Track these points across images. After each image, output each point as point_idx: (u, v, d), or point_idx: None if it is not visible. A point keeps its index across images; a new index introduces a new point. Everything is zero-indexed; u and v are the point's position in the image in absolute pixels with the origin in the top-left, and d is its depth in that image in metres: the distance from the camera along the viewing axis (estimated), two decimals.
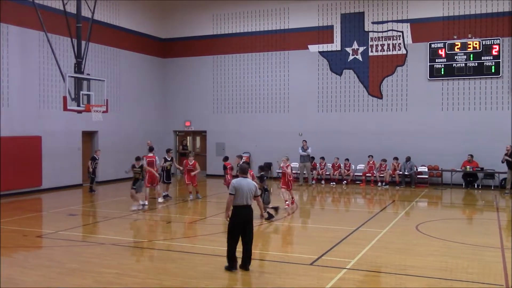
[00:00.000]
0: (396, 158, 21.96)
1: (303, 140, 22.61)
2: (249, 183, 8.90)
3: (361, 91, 23.52)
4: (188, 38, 26.82)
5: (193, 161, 17.51)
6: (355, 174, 22.99)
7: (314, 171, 23.22)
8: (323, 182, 23.09)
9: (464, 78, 21.76)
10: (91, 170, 19.58)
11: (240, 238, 8.74)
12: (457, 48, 21.75)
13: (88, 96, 17.88)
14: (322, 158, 23.38)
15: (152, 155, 16.87)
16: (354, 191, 21.13)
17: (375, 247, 10.68)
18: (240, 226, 8.69)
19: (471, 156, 21.15)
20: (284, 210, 14.83)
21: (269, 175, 24.88)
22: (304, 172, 22.68)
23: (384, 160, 22.07)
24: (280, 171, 16.93)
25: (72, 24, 18.27)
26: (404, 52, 22.75)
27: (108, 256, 10.07)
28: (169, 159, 17.75)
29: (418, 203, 17.82)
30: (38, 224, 13.85)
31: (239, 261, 8.78)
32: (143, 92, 25.84)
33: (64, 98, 17.10)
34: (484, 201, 18.48)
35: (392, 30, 22.93)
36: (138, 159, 15.52)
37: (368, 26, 23.33)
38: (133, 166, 15.40)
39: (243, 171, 9.14)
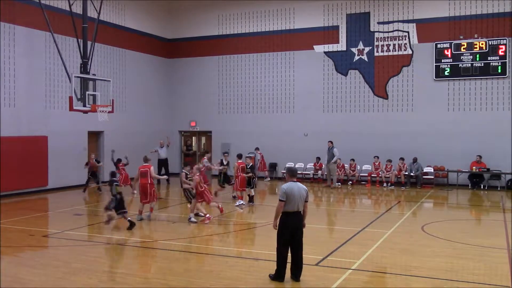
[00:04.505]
0: (402, 159, 21.90)
1: (330, 141, 22.03)
2: (300, 188, 8.11)
3: (366, 91, 23.48)
4: (193, 38, 26.86)
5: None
6: (361, 174, 22.95)
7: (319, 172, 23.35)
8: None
9: (470, 79, 21.68)
10: (89, 175, 19.53)
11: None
12: (463, 48, 21.66)
13: (94, 96, 17.94)
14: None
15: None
16: (359, 191, 21.09)
17: (381, 247, 10.66)
18: (290, 233, 8.07)
19: (480, 156, 21.06)
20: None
21: (274, 175, 24.99)
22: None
23: (390, 161, 22.02)
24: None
25: (78, 24, 18.33)
26: (410, 52, 22.69)
27: (114, 256, 10.10)
28: (225, 163, 17.90)
29: (423, 203, 17.76)
30: (44, 223, 13.90)
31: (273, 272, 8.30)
32: (149, 92, 25.91)
33: (70, 98, 17.16)
34: (490, 202, 18.41)
35: (397, 30, 22.87)
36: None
37: (373, 26, 23.28)
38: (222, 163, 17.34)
39: (293, 173, 8.33)
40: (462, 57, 21.72)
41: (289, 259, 8.22)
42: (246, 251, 10.78)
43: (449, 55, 21.91)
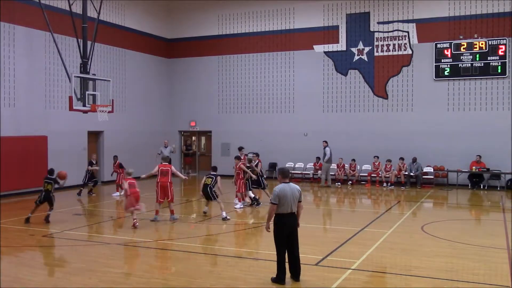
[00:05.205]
0: (402, 159, 21.91)
1: (324, 141, 22.28)
2: (292, 188, 8.05)
3: (366, 91, 23.48)
4: (193, 38, 26.86)
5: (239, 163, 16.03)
6: (361, 174, 22.94)
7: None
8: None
9: (470, 79, 21.68)
10: (88, 175, 19.01)
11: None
12: (463, 48, 21.67)
13: (94, 96, 17.94)
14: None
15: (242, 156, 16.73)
16: (359, 191, 21.09)
17: (381, 247, 10.66)
18: (285, 235, 8.04)
19: (479, 156, 21.07)
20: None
21: (274, 175, 24.94)
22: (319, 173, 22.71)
23: (389, 161, 22.02)
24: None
25: (78, 24, 18.34)
26: (410, 52, 22.69)
27: (114, 256, 10.10)
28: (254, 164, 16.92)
29: (423, 203, 17.76)
30: (44, 223, 13.88)
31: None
32: (149, 92, 25.90)
33: (70, 98, 17.16)
34: (490, 202, 18.42)
35: (397, 30, 22.88)
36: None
37: (373, 26, 23.28)
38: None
39: (285, 174, 8.25)
40: (462, 57, 21.73)
41: (287, 260, 8.22)
42: (246, 251, 10.78)
43: (449, 55, 21.91)
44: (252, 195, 16.23)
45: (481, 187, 21.23)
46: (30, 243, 11.29)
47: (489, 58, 21.30)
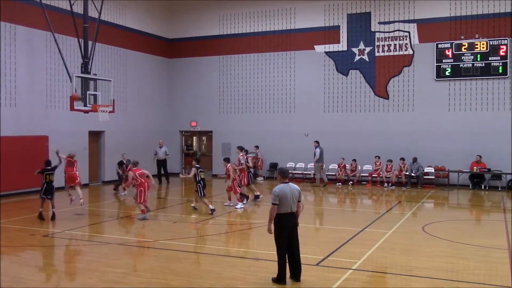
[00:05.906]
0: (402, 159, 21.88)
1: (315, 141, 22.47)
2: (292, 189, 8.10)
3: (367, 91, 23.46)
4: (194, 38, 26.86)
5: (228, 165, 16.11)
6: (361, 174, 22.92)
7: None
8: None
9: (471, 79, 21.66)
10: (120, 173, 19.72)
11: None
12: (464, 49, 21.64)
13: (95, 96, 17.95)
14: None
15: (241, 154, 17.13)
16: (360, 191, 21.07)
17: (381, 247, 10.65)
18: (286, 235, 8.07)
19: (480, 156, 21.05)
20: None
21: (275, 175, 24.94)
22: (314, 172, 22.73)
23: (390, 161, 22.00)
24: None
25: (79, 24, 18.35)
26: (411, 52, 22.67)
27: (114, 256, 10.10)
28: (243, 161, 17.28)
29: (424, 204, 17.74)
30: (45, 223, 13.88)
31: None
32: (150, 92, 25.90)
33: (71, 98, 17.15)
34: (490, 202, 18.40)
35: (398, 30, 22.85)
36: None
37: (374, 26, 23.26)
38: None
39: (284, 174, 8.29)
40: (463, 57, 21.70)
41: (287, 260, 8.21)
42: (246, 251, 10.77)
43: (450, 55, 21.89)
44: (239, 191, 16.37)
45: (482, 188, 21.20)
46: (30, 242, 11.29)
47: (490, 58, 21.27)
